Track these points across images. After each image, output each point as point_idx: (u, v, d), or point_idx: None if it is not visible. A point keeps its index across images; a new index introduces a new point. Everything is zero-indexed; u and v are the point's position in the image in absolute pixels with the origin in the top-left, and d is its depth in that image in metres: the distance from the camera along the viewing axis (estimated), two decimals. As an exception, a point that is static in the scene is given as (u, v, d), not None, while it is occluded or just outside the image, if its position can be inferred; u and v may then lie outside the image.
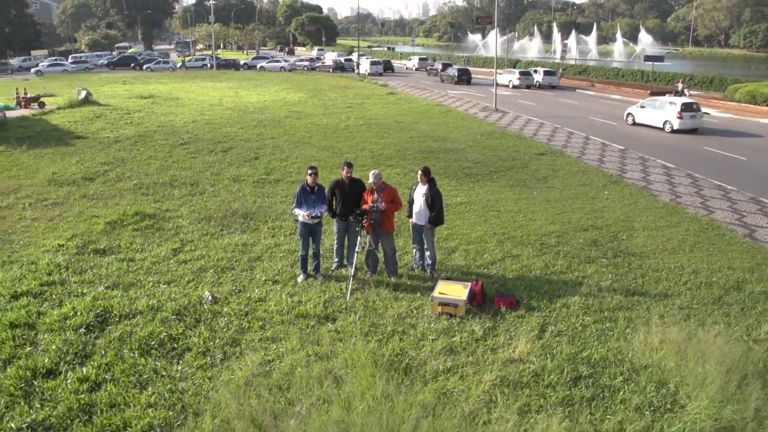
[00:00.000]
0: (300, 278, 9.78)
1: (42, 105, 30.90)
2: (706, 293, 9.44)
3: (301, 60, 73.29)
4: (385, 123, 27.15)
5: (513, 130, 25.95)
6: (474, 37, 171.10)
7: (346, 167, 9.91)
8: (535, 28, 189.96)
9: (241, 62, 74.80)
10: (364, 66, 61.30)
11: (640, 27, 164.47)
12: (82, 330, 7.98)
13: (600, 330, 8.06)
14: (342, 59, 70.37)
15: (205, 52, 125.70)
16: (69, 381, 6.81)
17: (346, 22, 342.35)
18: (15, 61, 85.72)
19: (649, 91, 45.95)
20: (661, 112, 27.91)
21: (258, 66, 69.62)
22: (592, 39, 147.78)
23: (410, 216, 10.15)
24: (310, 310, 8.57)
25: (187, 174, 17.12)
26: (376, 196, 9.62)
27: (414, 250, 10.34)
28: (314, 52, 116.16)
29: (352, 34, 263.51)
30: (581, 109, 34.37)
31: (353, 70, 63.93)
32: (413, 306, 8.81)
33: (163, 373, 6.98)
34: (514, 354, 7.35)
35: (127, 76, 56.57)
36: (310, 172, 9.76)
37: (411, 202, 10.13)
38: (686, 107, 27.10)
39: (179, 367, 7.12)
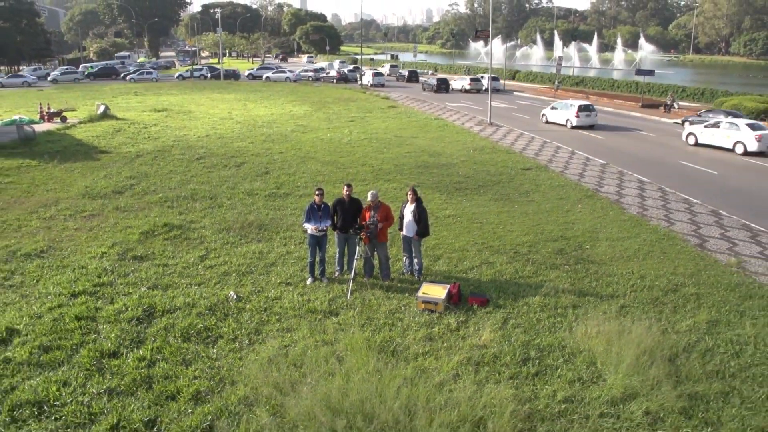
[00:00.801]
0: (308, 281, 11.70)
1: (64, 119, 32.94)
2: (647, 294, 11.32)
3: (306, 71, 75.37)
4: (385, 138, 29.09)
5: (504, 145, 27.88)
6: (477, 45, 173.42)
7: (346, 187, 11.84)
8: (538, 36, 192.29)
9: (246, 72, 76.97)
10: (367, 77, 63.48)
11: (641, 36, 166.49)
12: (134, 322, 9.91)
13: (551, 323, 9.95)
14: (346, 70, 72.50)
15: (211, 61, 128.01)
16: (129, 360, 8.74)
17: (349, 29, 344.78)
18: (27, 71, 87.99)
19: (640, 104, 47.88)
20: (564, 112, 34.90)
21: (264, 77, 71.74)
22: (593, 48, 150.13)
23: (401, 229, 12.05)
24: (317, 307, 10.49)
25: (206, 188, 19.07)
26: (372, 212, 11.54)
27: (404, 258, 12.24)
28: (304, 59, 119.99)
29: (356, 41, 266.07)
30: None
31: (356, 81, 66.07)
32: (402, 304, 10.72)
33: (203, 354, 8.91)
34: (480, 341, 9.26)
35: (119, 87, 58.59)
36: (317, 193, 11.71)
37: (402, 218, 12.03)
38: (582, 108, 34.23)
39: (215, 350, 9.05)
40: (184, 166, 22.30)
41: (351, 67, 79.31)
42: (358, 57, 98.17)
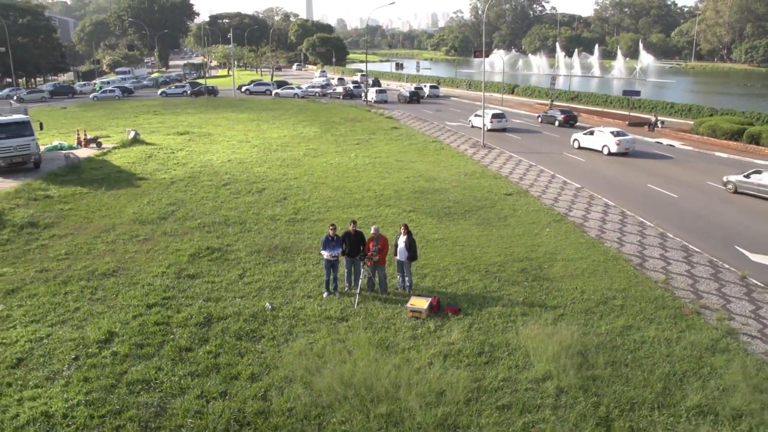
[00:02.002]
0: (324, 295, 15.29)
1: (99, 145, 36.71)
2: (582, 305, 14.85)
3: (313, 87, 79.24)
4: (387, 162, 32.69)
5: (493, 169, 31.42)
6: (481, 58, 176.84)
7: (352, 224, 15.45)
8: (539, 45, 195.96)
9: (243, 87, 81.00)
10: (371, 95, 67.24)
11: (641, 46, 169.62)
12: (199, 326, 13.53)
13: (504, 327, 13.50)
14: (351, 86, 76.31)
15: (220, 72, 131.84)
16: (200, 353, 12.35)
17: (355, 35, 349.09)
18: (47, 86, 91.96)
19: (627, 122, 51.32)
20: (479, 118, 45.56)
21: (273, 93, 75.74)
22: (594, 57, 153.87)
23: (396, 254, 15.62)
24: (332, 314, 14.10)
25: (235, 213, 22.69)
26: (375, 242, 15.13)
27: (398, 277, 15.81)
28: (293, 67, 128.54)
29: (362, 48, 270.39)
30: (560, 144, 39.81)
31: (361, 97, 69.87)
32: (395, 312, 14.30)
33: (252, 349, 12.52)
34: (450, 339, 12.83)
35: (106, 107, 62.28)
36: (331, 227, 15.33)
37: (396, 245, 15.60)
38: (495, 116, 46.05)
39: (260, 346, 12.65)
40: (213, 192, 25.94)
41: (357, 83, 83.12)
42: (358, 67, 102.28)
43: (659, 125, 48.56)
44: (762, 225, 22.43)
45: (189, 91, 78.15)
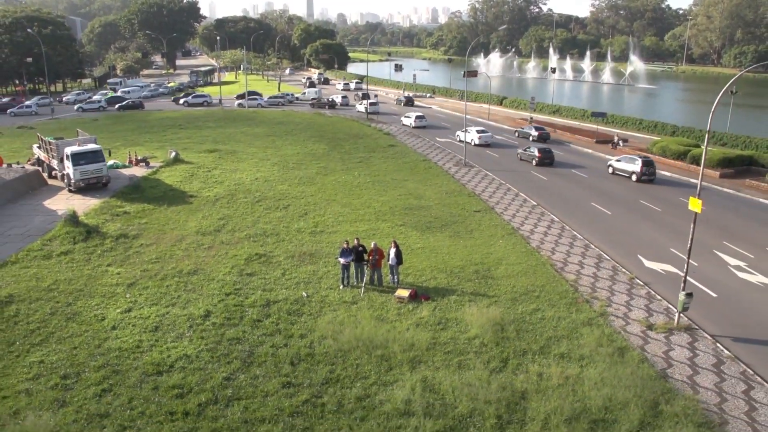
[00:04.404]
0: (341, 287, 23.00)
1: (147, 164, 44.33)
2: (510, 295, 22.56)
3: (275, 97, 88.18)
4: (384, 180, 40.32)
5: (469, 188, 39.05)
6: (478, 60, 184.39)
7: (356, 240, 23.18)
8: (533, 48, 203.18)
9: (181, 100, 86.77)
10: (364, 105, 74.88)
11: (631, 50, 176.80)
12: (262, 307, 21.25)
13: (456, 308, 21.22)
14: (337, 98, 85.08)
15: (227, 75, 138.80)
16: (267, 322, 20.09)
17: (355, 32, 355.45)
18: (71, 96, 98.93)
19: (594, 140, 58.71)
20: (410, 119, 65.06)
21: (237, 104, 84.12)
22: (586, 62, 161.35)
23: (388, 260, 23.32)
24: (347, 300, 21.84)
25: (269, 227, 30.36)
26: (374, 253, 22.85)
27: (390, 275, 23.53)
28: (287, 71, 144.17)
29: (362, 45, 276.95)
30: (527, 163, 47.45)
31: (347, 105, 78.05)
32: (388, 299, 22.03)
33: (298, 321, 20.27)
34: (421, 315, 20.57)
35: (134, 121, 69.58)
36: (345, 242, 23.04)
37: (389, 254, 23.30)
38: (418, 117, 64.67)
39: (303, 319, 20.41)
40: (250, 208, 33.60)
41: (344, 94, 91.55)
42: (357, 69, 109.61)
43: (620, 144, 55.97)
44: (662, 239, 30.02)
45: (105, 106, 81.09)
